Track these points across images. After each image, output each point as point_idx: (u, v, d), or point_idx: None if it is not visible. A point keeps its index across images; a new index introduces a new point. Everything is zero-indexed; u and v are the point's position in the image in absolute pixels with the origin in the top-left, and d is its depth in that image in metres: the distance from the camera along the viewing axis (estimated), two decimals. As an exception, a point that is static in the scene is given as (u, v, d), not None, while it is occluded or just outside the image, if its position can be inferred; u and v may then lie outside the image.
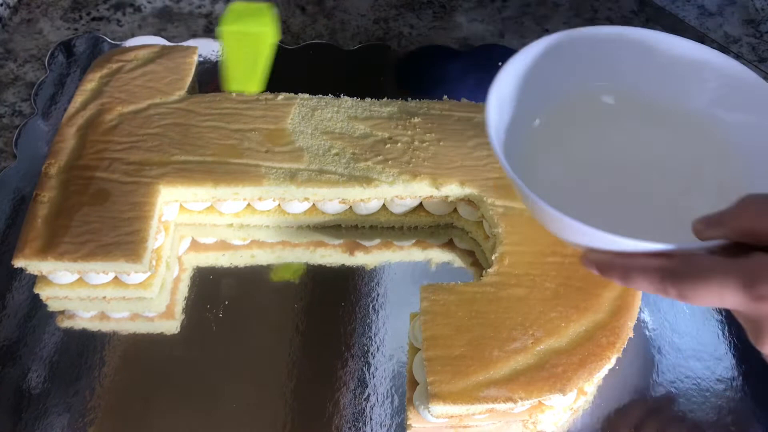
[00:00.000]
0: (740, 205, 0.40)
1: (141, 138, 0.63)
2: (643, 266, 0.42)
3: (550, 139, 0.55)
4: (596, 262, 0.45)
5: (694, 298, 0.41)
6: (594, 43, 0.55)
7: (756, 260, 0.39)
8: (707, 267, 0.40)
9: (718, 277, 0.39)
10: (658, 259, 0.42)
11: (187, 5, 0.82)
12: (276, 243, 0.65)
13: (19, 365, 0.58)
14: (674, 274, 0.41)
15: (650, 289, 0.43)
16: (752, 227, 0.39)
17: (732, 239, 0.41)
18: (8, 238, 0.63)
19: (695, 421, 0.56)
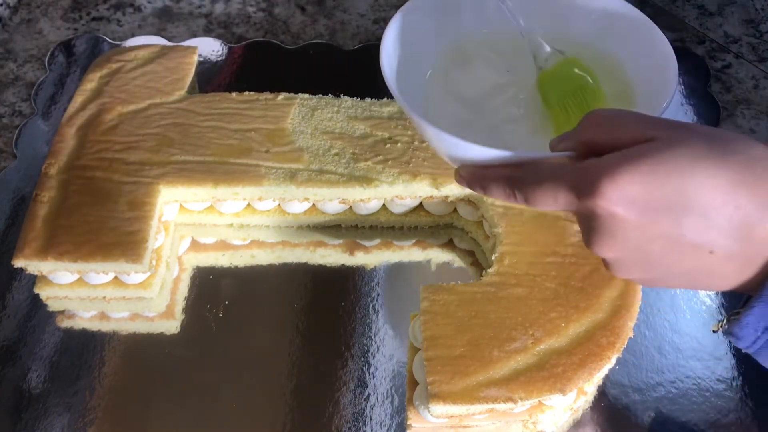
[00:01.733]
0: (584, 120, 0.43)
1: (141, 138, 0.63)
2: (497, 175, 0.45)
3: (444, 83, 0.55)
4: (464, 176, 0.48)
5: (533, 202, 0.43)
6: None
7: (585, 164, 0.41)
8: (545, 172, 0.43)
9: (552, 180, 0.42)
10: (509, 169, 0.45)
11: (187, 5, 0.82)
12: (276, 243, 0.65)
13: (19, 365, 0.58)
14: (520, 182, 0.44)
15: (502, 196, 0.45)
16: (592, 138, 0.42)
17: (578, 151, 0.43)
18: (8, 238, 0.63)
19: (695, 422, 0.56)
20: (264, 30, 0.80)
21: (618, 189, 0.39)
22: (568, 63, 0.53)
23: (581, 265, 0.56)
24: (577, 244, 0.57)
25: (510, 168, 0.45)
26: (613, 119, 0.42)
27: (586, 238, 0.42)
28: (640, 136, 0.40)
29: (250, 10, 0.82)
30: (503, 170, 0.45)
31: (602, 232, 0.41)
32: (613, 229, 0.40)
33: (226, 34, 0.80)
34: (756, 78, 0.77)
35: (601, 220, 0.40)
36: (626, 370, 0.58)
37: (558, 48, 0.54)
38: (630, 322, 0.54)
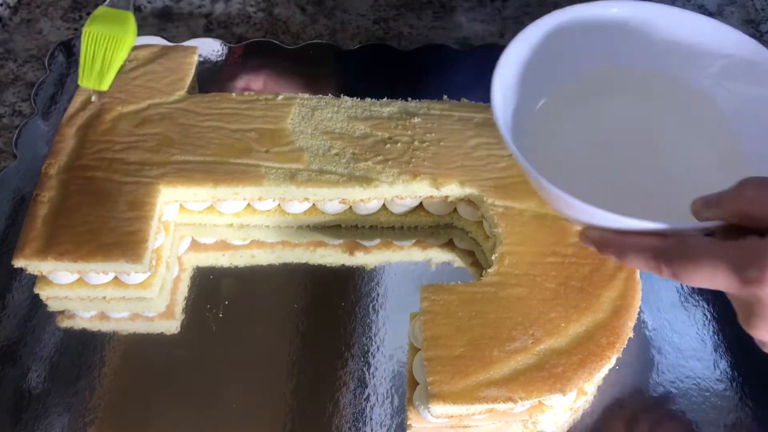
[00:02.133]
0: (738, 188, 0.41)
1: (141, 138, 0.63)
2: (638, 245, 0.43)
3: (555, 119, 0.55)
4: (594, 239, 0.46)
5: (686, 279, 0.41)
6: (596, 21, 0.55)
7: (748, 243, 0.39)
8: (700, 249, 0.40)
9: (710, 259, 0.40)
10: (653, 239, 0.43)
11: (187, 5, 0.82)
12: (276, 243, 0.65)
13: (19, 365, 0.58)
14: (668, 255, 0.42)
15: (644, 268, 0.43)
16: (748, 210, 0.40)
17: (728, 221, 0.41)
18: (8, 238, 0.63)
19: (695, 421, 0.56)
20: (264, 30, 0.80)
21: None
22: None
23: (581, 265, 0.56)
24: (577, 244, 0.57)
25: (655, 238, 0.42)
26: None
27: (746, 320, 0.41)
28: None
29: (250, 10, 0.82)
30: (647, 240, 0.43)
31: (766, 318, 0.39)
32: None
33: (226, 34, 0.80)
34: (756, 78, 0.77)
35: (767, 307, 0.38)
36: (626, 370, 0.58)
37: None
38: (630, 322, 0.54)
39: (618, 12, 0.55)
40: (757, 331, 0.41)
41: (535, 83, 0.54)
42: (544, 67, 0.54)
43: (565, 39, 0.55)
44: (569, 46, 0.55)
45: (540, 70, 0.54)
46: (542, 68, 0.54)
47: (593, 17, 0.55)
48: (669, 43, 0.55)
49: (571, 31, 0.55)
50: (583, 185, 0.49)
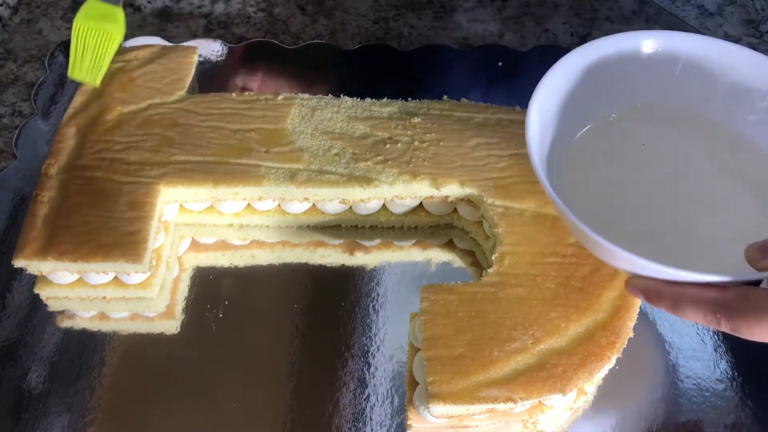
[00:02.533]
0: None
1: (141, 138, 0.63)
2: (695, 297, 0.41)
3: (590, 155, 0.54)
4: (643, 290, 0.44)
5: (748, 334, 0.40)
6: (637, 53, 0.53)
7: None
8: (763, 303, 0.39)
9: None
10: (710, 291, 0.41)
11: (187, 5, 0.82)
12: (276, 243, 0.65)
13: (19, 365, 0.58)
14: (728, 309, 0.40)
15: (702, 321, 0.41)
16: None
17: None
18: (8, 238, 0.63)
19: (695, 421, 0.56)
20: (264, 30, 0.80)
21: None
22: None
23: (581, 265, 0.56)
24: (577, 244, 0.57)
25: (713, 290, 0.41)
26: None
27: None
28: None
29: (250, 10, 0.82)
30: (704, 292, 0.41)
31: None
32: None
33: (226, 34, 0.80)
34: (756, 78, 0.77)
35: None
36: (626, 370, 0.58)
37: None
38: (630, 322, 0.54)
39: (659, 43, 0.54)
40: None
41: (571, 116, 0.53)
42: (581, 100, 0.53)
43: (603, 71, 0.53)
44: (608, 78, 0.54)
45: (577, 103, 0.53)
46: (579, 101, 0.53)
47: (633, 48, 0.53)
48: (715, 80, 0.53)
49: (610, 63, 0.53)
50: (624, 225, 0.47)
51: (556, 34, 0.80)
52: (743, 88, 0.53)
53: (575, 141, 0.54)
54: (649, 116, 0.55)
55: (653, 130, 0.55)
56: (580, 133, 0.54)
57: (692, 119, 0.55)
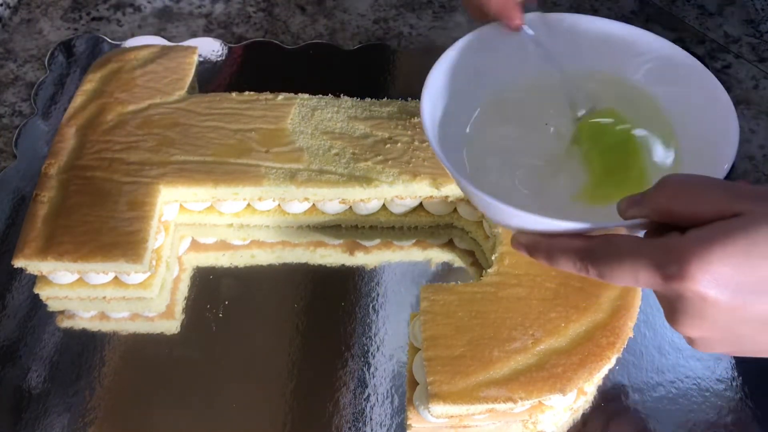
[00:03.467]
0: (658, 186, 0.41)
1: (141, 138, 0.63)
2: (565, 247, 0.43)
3: (490, 130, 0.54)
4: (524, 243, 0.46)
5: (611, 278, 0.41)
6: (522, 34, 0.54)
7: (668, 241, 0.39)
8: (622, 248, 0.41)
9: (632, 257, 0.40)
10: (578, 240, 0.43)
11: (187, 5, 0.82)
12: (276, 243, 0.65)
13: (19, 365, 0.58)
14: (593, 255, 0.42)
15: (573, 269, 0.43)
16: (669, 207, 0.40)
17: (651, 219, 0.41)
18: (8, 238, 0.63)
19: (695, 421, 0.56)
20: (264, 30, 0.80)
21: (709, 272, 0.37)
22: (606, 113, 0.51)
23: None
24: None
25: (580, 239, 0.43)
26: (692, 187, 0.40)
27: (671, 317, 0.40)
28: (726, 210, 0.38)
29: (250, 10, 0.82)
30: (573, 241, 0.43)
31: (690, 314, 0.39)
32: (702, 311, 0.38)
33: (226, 34, 0.80)
34: (756, 78, 0.77)
35: (690, 302, 0.38)
36: (626, 370, 0.58)
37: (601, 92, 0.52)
38: (630, 322, 0.54)
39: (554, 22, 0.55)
40: (682, 328, 0.40)
41: (465, 96, 0.54)
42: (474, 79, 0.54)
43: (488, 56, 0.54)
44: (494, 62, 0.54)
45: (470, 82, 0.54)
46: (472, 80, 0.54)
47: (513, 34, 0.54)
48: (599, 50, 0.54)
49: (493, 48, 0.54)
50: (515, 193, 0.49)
51: (556, 34, 0.79)
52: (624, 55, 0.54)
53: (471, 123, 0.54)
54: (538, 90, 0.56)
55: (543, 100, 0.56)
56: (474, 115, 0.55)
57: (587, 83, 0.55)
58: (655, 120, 0.53)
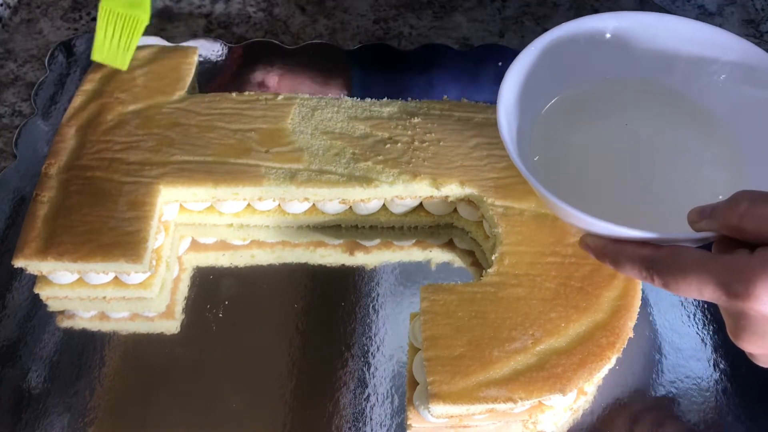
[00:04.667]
0: (731, 201, 0.41)
1: (141, 138, 0.63)
2: (632, 254, 0.44)
3: (559, 131, 0.56)
4: (592, 246, 0.47)
5: (676, 290, 0.42)
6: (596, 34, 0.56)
7: (736, 258, 0.39)
8: (690, 261, 0.41)
9: (699, 272, 0.41)
10: (646, 249, 0.44)
11: (187, 5, 0.82)
12: (276, 243, 0.65)
13: (19, 365, 0.58)
14: (660, 265, 0.43)
15: (638, 277, 0.44)
16: (739, 224, 0.40)
17: (721, 233, 0.42)
18: (8, 238, 0.63)
19: (695, 421, 0.56)
20: (264, 30, 0.80)
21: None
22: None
23: (581, 265, 0.56)
24: (577, 244, 0.57)
25: (648, 248, 0.44)
26: (765, 207, 0.40)
27: (734, 332, 0.41)
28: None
29: (250, 10, 0.82)
30: (641, 250, 0.44)
31: (753, 332, 0.40)
32: (765, 330, 0.39)
33: (226, 34, 0.80)
34: (756, 78, 0.77)
35: (753, 321, 0.39)
36: (626, 370, 0.58)
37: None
38: (630, 322, 0.54)
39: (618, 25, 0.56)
40: (744, 344, 0.41)
41: (539, 95, 0.55)
42: (548, 80, 0.55)
43: (567, 53, 0.55)
44: (571, 60, 0.56)
45: (543, 83, 0.55)
46: (546, 81, 0.55)
47: (593, 30, 0.56)
48: (671, 54, 0.56)
49: (572, 46, 0.56)
50: (588, 194, 0.51)
51: (556, 34, 0.80)
52: (698, 58, 0.55)
53: (544, 114, 0.56)
54: (614, 89, 0.57)
55: (619, 101, 0.57)
56: (548, 106, 0.56)
57: (654, 92, 0.57)
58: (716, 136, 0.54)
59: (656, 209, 0.52)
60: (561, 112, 0.57)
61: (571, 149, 0.56)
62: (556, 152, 0.55)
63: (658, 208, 0.52)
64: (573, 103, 0.57)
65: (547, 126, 0.56)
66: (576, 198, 0.47)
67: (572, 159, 0.55)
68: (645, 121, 0.56)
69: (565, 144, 0.56)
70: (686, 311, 0.61)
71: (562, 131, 0.56)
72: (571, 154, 0.56)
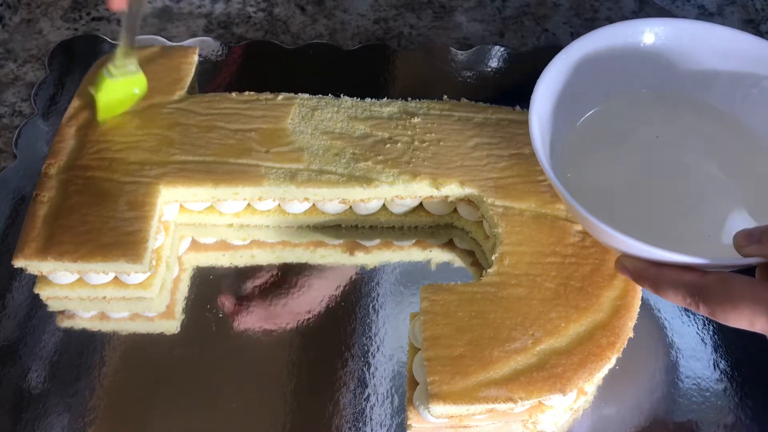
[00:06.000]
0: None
1: (141, 138, 0.63)
2: (676, 280, 0.42)
3: (590, 144, 0.55)
4: (630, 269, 0.45)
5: (724, 319, 0.40)
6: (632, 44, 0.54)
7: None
8: (741, 290, 0.39)
9: (749, 303, 0.39)
10: (691, 274, 0.42)
11: (187, 5, 0.82)
12: (276, 243, 0.65)
13: (19, 365, 0.58)
14: (706, 293, 0.40)
15: (681, 303, 0.42)
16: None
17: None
18: (8, 238, 0.63)
19: (695, 421, 0.56)
20: (264, 30, 0.80)
21: None
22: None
23: (581, 265, 0.56)
24: (577, 244, 0.57)
25: (693, 274, 0.41)
26: None
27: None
28: None
29: (250, 10, 0.82)
30: (684, 275, 0.42)
31: None
32: None
33: (226, 34, 0.80)
34: (756, 78, 0.77)
35: None
36: (626, 370, 0.58)
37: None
38: (630, 322, 0.54)
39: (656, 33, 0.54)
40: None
41: (571, 105, 0.54)
42: (581, 90, 0.54)
43: (599, 63, 0.54)
44: (606, 68, 0.54)
45: (576, 93, 0.54)
46: (579, 90, 0.54)
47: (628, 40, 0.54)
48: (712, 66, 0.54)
49: (604, 55, 0.54)
50: (623, 213, 0.48)
51: (556, 34, 0.80)
52: (740, 73, 0.54)
53: (577, 128, 0.55)
54: (649, 103, 0.55)
55: (654, 115, 0.56)
56: (581, 120, 0.55)
57: (692, 106, 0.55)
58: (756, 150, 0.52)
59: (690, 229, 0.50)
60: (591, 126, 0.55)
61: (603, 166, 0.54)
62: (588, 168, 0.54)
63: (692, 227, 0.50)
64: (603, 117, 0.55)
65: (578, 140, 0.54)
66: (608, 216, 0.44)
67: (604, 175, 0.54)
68: (676, 135, 0.54)
69: (597, 160, 0.54)
70: (686, 311, 0.61)
71: (592, 146, 0.54)
72: (603, 171, 0.54)
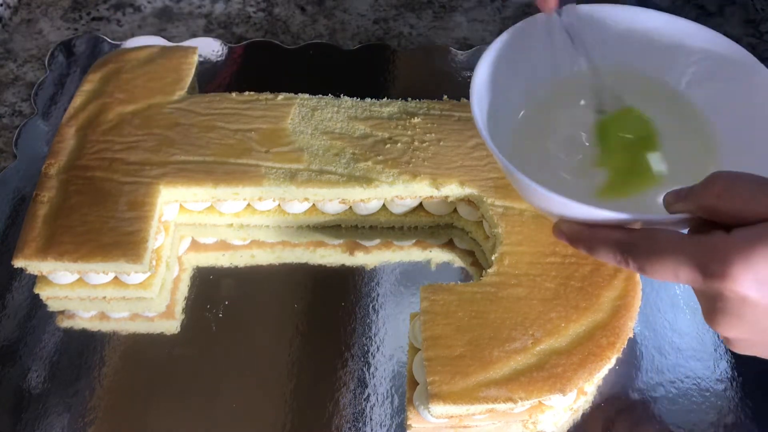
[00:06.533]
0: (706, 182, 0.40)
1: (141, 138, 0.63)
2: (606, 238, 0.43)
3: (536, 122, 0.55)
4: (566, 232, 0.46)
5: (651, 273, 0.41)
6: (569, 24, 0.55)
7: (712, 239, 0.39)
8: (664, 243, 0.40)
9: (674, 254, 0.40)
10: (620, 232, 0.43)
11: (187, 5, 0.82)
12: (276, 243, 0.65)
13: (19, 365, 0.58)
14: (633, 248, 0.42)
15: (612, 261, 0.43)
16: (715, 205, 0.40)
17: (696, 214, 0.41)
18: (8, 238, 0.64)
19: (695, 421, 0.56)
20: (264, 30, 0.80)
21: (751, 272, 0.37)
22: (628, 112, 0.52)
23: (581, 265, 0.56)
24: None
25: (622, 231, 0.43)
26: (740, 186, 0.39)
27: (710, 317, 0.40)
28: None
29: (250, 10, 0.82)
30: (614, 233, 0.43)
31: (729, 314, 0.39)
32: (742, 312, 0.38)
33: (226, 34, 0.80)
34: (756, 78, 0.77)
35: (730, 302, 0.38)
36: (626, 370, 0.58)
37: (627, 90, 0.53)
38: (630, 322, 0.54)
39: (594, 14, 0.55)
40: (719, 328, 0.40)
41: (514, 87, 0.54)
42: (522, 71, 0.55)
43: (539, 45, 0.55)
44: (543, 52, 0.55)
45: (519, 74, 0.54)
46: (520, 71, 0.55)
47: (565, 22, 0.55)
48: (644, 44, 0.55)
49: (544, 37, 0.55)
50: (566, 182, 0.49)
51: (556, 34, 0.80)
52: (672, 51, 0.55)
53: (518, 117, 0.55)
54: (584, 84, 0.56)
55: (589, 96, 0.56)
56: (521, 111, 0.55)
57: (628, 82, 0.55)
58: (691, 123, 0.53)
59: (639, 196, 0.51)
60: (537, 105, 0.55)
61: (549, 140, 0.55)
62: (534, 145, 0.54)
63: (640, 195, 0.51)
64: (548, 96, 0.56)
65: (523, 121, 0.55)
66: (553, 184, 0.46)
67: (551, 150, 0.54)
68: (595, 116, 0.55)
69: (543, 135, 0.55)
70: (686, 311, 0.61)
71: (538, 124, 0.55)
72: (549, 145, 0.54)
